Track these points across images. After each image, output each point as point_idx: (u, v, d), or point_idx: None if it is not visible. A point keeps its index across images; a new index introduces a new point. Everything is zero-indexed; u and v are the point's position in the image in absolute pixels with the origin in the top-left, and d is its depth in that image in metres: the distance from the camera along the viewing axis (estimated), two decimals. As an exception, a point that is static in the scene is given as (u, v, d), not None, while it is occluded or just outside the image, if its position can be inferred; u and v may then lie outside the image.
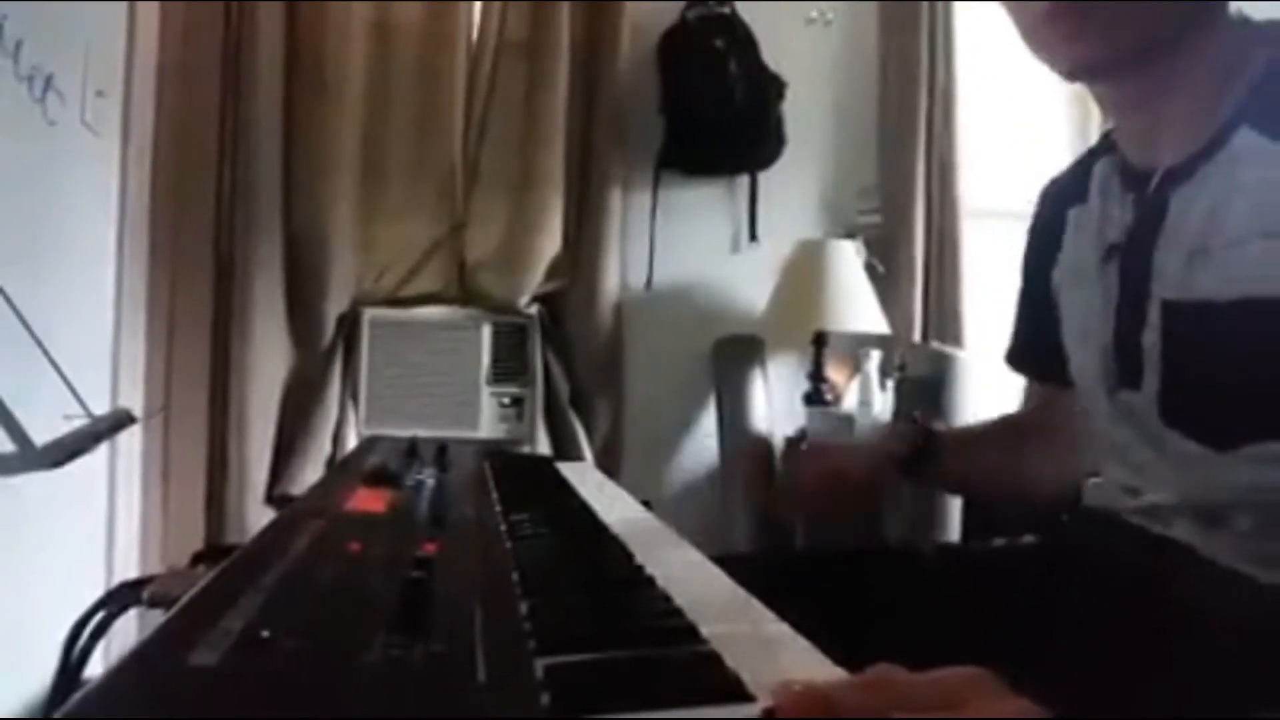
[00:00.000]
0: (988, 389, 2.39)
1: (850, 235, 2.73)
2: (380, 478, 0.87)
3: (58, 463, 1.03)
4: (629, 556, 0.70)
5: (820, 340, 2.60)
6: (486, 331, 2.56)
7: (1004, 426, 1.14)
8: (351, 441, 2.43)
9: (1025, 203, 1.05)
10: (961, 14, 2.77)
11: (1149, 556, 0.77)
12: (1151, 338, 0.75)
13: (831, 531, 1.05)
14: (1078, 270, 0.88)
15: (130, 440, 2.15)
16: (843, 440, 1.13)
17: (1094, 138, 3.07)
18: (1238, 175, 0.70)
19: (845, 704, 0.38)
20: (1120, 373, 0.79)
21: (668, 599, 0.58)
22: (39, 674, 1.23)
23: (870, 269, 2.65)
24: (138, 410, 1.94)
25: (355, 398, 2.48)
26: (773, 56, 2.66)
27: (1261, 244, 0.67)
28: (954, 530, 2.00)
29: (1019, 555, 0.97)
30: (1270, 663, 0.61)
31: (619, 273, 2.63)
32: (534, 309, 2.58)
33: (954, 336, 2.69)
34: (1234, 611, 0.68)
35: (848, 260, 2.55)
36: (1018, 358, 1.06)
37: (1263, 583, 0.69)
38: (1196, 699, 0.62)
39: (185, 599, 0.51)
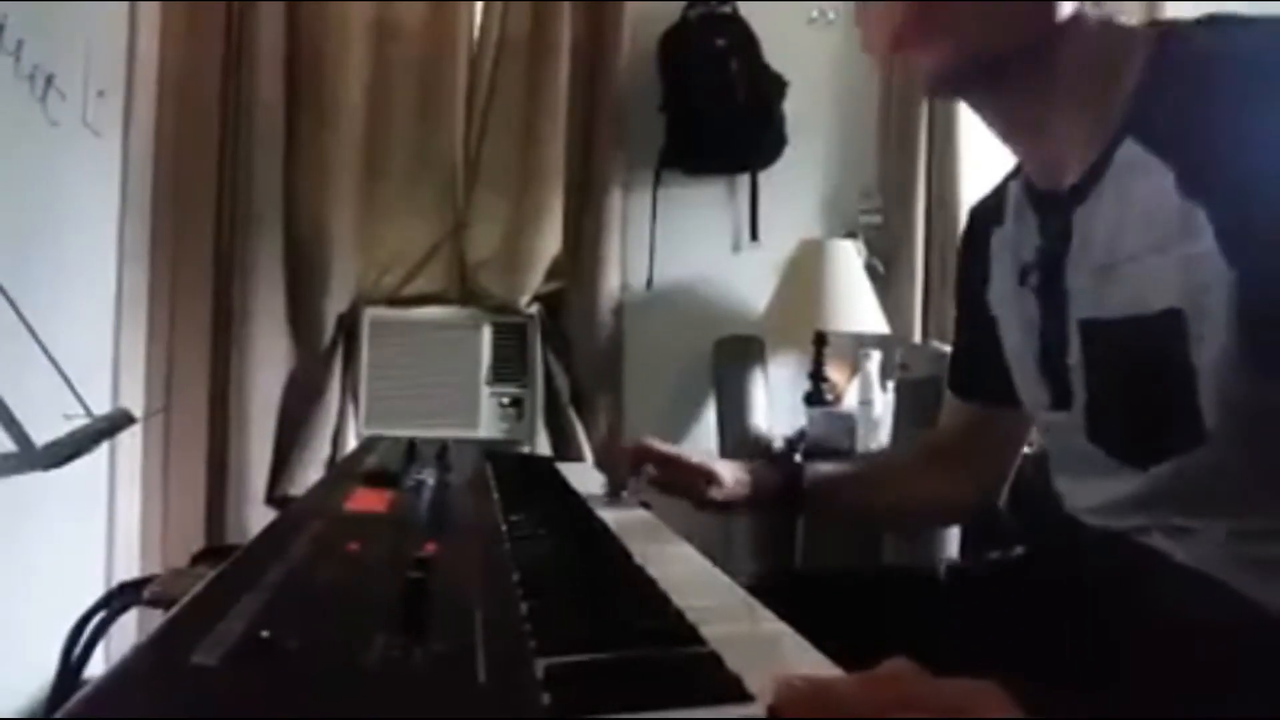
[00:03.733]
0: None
1: (851, 235, 2.73)
2: (380, 478, 0.87)
3: (58, 462, 1.03)
4: (629, 557, 0.70)
5: (821, 340, 2.60)
6: (487, 331, 2.56)
7: (909, 457, 1.15)
8: (351, 442, 2.43)
9: None
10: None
11: (1121, 561, 0.76)
12: (1075, 358, 0.76)
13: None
14: (1004, 294, 0.88)
15: (130, 440, 2.16)
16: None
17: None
18: (1127, 190, 0.70)
19: (851, 700, 0.38)
20: (1051, 395, 0.80)
21: (668, 599, 0.58)
22: (39, 673, 1.24)
23: (871, 269, 2.65)
24: (138, 410, 1.94)
25: (355, 398, 2.48)
26: (774, 56, 2.66)
27: (1154, 259, 0.68)
28: (952, 543, 1.99)
29: (1009, 570, 0.97)
30: (1221, 660, 0.61)
31: (619, 272, 2.63)
32: (534, 309, 2.58)
33: (954, 336, 2.68)
34: (1204, 617, 0.68)
35: (848, 260, 2.55)
36: (962, 384, 1.05)
37: (1231, 586, 0.69)
38: (1156, 702, 0.62)
39: (186, 599, 0.51)
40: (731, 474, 1.05)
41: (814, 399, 2.59)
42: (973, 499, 1.05)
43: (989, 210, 0.92)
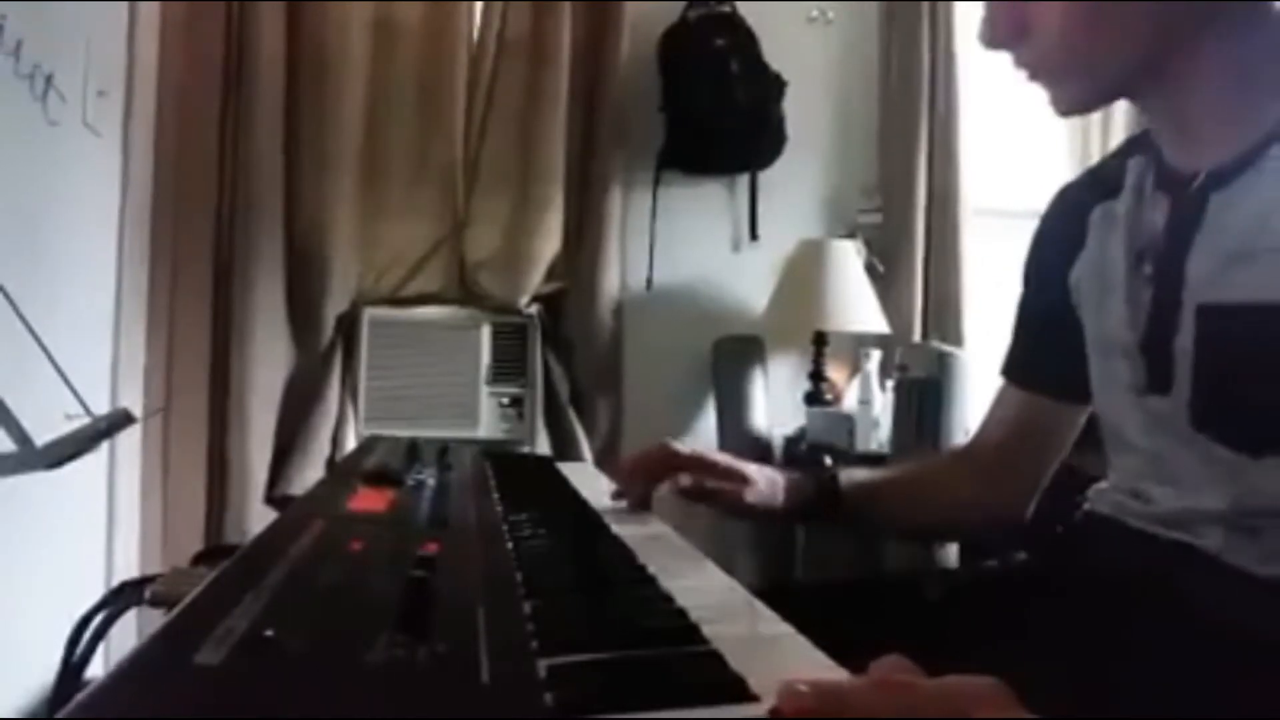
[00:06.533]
0: (988, 388, 2.39)
1: (851, 235, 2.74)
2: (381, 477, 0.87)
3: (58, 462, 1.03)
4: (631, 557, 0.70)
5: (820, 340, 2.61)
6: (486, 331, 2.56)
7: (946, 461, 1.12)
8: (351, 441, 2.43)
9: (1026, 203, 1.03)
10: (962, 13, 2.77)
11: (1170, 566, 0.74)
12: (1184, 343, 0.74)
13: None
14: (1102, 272, 0.84)
15: (130, 440, 2.15)
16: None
17: (1094, 138, 3.04)
18: None
19: (852, 704, 0.37)
20: (1148, 378, 0.77)
21: (670, 599, 0.58)
22: (40, 673, 1.23)
23: (870, 268, 2.65)
24: (138, 410, 1.94)
25: (355, 398, 2.48)
26: (774, 56, 2.66)
27: None
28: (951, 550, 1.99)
29: (1024, 574, 0.94)
30: None
31: (619, 273, 2.63)
32: (534, 309, 2.58)
33: (954, 336, 2.69)
34: (1265, 623, 0.65)
35: (848, 260, 2.56)
36: (1019, 371, 1.01)
37: None
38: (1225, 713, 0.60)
39: (188, 599, 0.51)
40: (763, 476, 1.01)
41: (814, 399, 2.60)
42: (1008, 507, 1.01)
43: (1095, 184, 0.89)
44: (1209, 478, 0.73)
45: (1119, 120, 2.71)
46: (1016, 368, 1.01)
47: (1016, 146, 2.83)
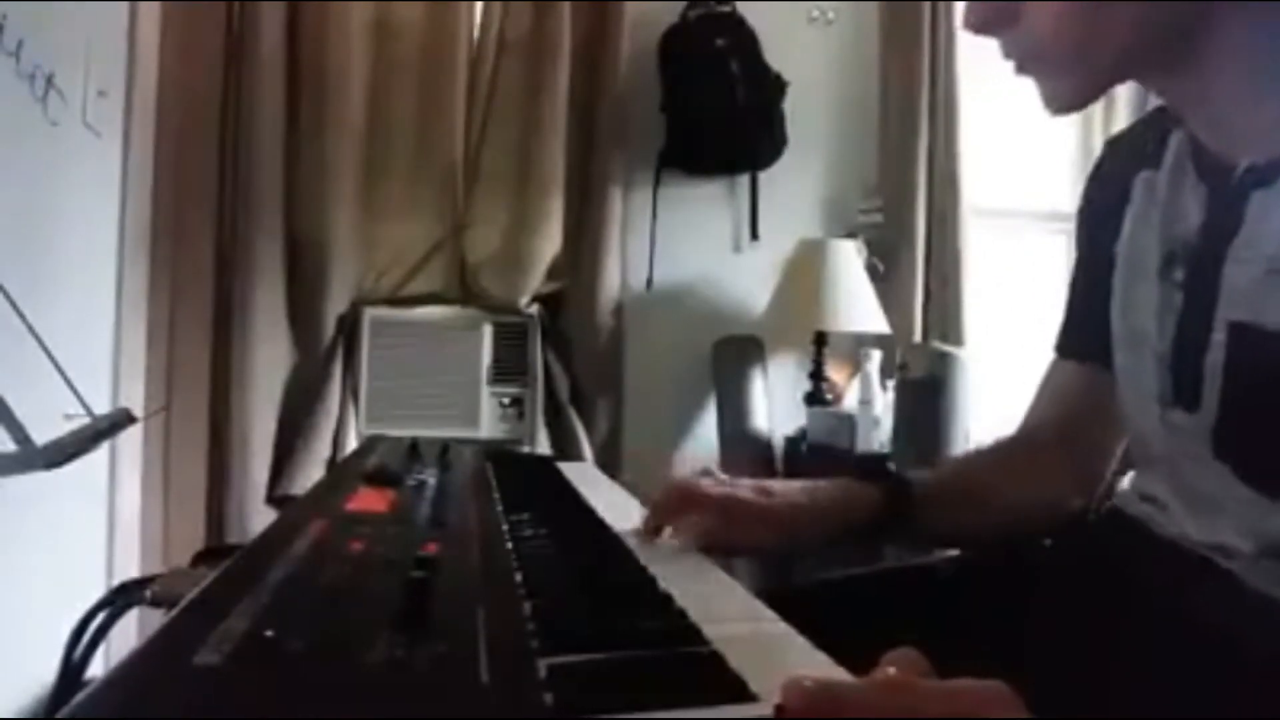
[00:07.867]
0: (988, 388, 2.39)
1: (851, 235, 2.74)
2: (382, 477, 0.87)
3: (58, 462, 1.03)
4: (631, 557, 0.70)
5: (821, 340, 2.61)
6: (487, 331, 2.56)
7: (1009, 453, 0.97)
8: (352, 441, 2.43)
9: (1026, 202, 1.00)
10: (963, 13, 2.77)
11: (1191, 580, 0.70)
12: (1215, 360, 0.66)
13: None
14: (1137, 258, 0.75)
15: (131, 440, 2.15)
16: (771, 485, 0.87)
17: (1097, 140, 3.02)
18: None
19: (856, 703, 0.37)
20: (1175, 390, 0.70)
21: (670, 599, 0.58)
22: (39, 673, 1.23)
23: (871, 268, 2.65)
24: (138, 410, 1.94)
25: (355, 398, 2.48)
26: (774, 56, 2.66)
27: None
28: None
29: (1041, 567, 0.88)
30: None
31: (619, 272, 2.63)
32: (534, 309, 2.58)
33: (954, 336, 2.69)
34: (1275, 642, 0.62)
35: (848, 260, 2.56)
36: (1072, 341, 0.91)
37: None
38: None
39: (188, 599, 0.51)
40: (807, 512, 0.86)
41: (814, 399, 2.60)
42: (1075, 489, 0.90)
43: (1140, 147, 0.79)
44: (1226, 510, 0.67)
45: (1121, 119, 2.71)
46: (1069, 339, 0.92)
47: (1017, 146, 2.83)
